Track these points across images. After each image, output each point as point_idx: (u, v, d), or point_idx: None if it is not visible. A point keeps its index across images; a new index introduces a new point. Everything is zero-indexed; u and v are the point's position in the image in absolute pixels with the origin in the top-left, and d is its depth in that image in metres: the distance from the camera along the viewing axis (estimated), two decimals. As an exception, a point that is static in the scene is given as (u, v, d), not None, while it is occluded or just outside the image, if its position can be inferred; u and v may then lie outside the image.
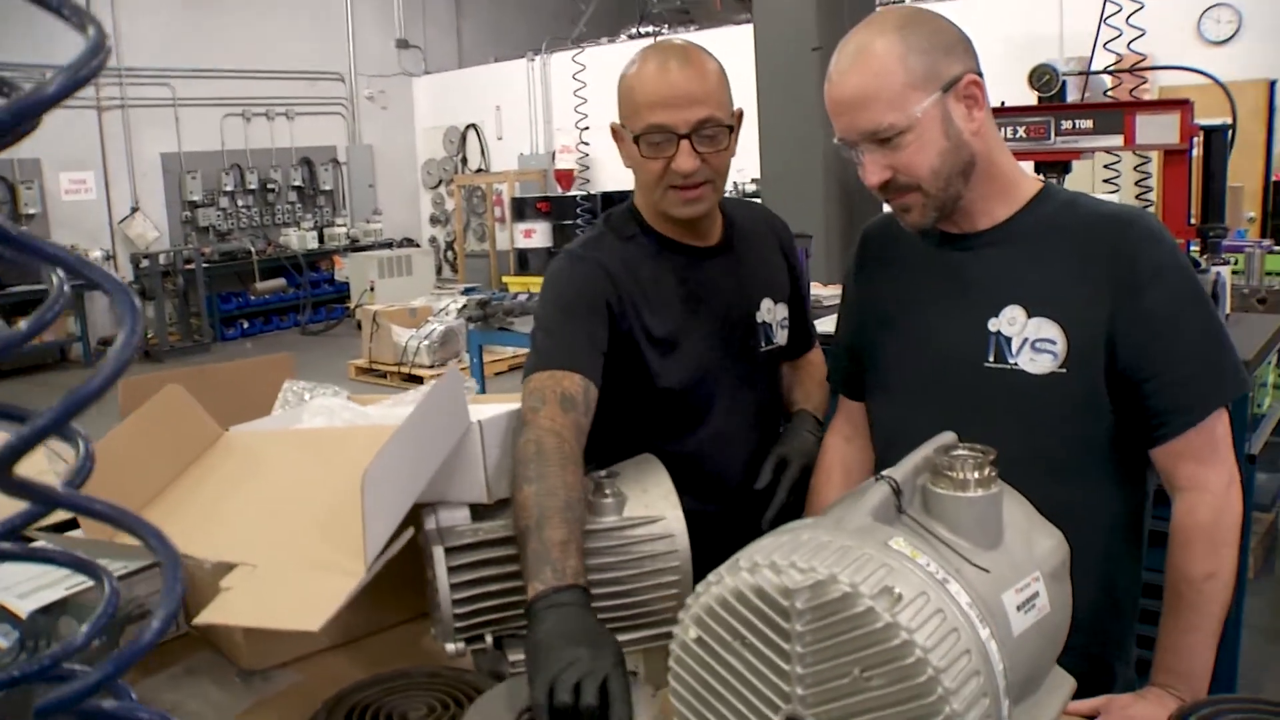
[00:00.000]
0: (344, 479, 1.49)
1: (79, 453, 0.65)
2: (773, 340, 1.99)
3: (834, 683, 0.91)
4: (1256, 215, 8.25)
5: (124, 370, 0.50)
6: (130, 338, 0.50)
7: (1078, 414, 1.52)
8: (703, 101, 1.73)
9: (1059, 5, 9.50)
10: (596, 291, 1.81)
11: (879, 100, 1.45)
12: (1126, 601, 1.63)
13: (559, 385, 1.67)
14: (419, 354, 9.09)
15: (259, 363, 2.21)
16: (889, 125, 1.46)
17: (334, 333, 12.71)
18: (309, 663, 1.68)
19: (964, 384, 1.57)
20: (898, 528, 1.03)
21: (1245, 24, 9.24)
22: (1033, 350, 1.51)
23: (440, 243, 15.66)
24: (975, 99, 1.48)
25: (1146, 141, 3.55)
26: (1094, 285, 1.48)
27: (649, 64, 1.77)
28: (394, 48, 15.36)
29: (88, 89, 0.54)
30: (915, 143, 1.46)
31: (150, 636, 0.54)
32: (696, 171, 1.75)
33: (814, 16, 4.54)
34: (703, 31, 11.89)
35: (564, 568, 1.38)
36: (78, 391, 0.50)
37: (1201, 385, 1.48)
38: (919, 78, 1.45)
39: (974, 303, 1.56)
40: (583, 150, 9.45)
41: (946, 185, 1.50)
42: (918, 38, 1.46)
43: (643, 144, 1.76)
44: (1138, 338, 1.47)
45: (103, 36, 0.48)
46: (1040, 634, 1.05)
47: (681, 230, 1.90)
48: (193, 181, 12.93)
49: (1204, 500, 1.47)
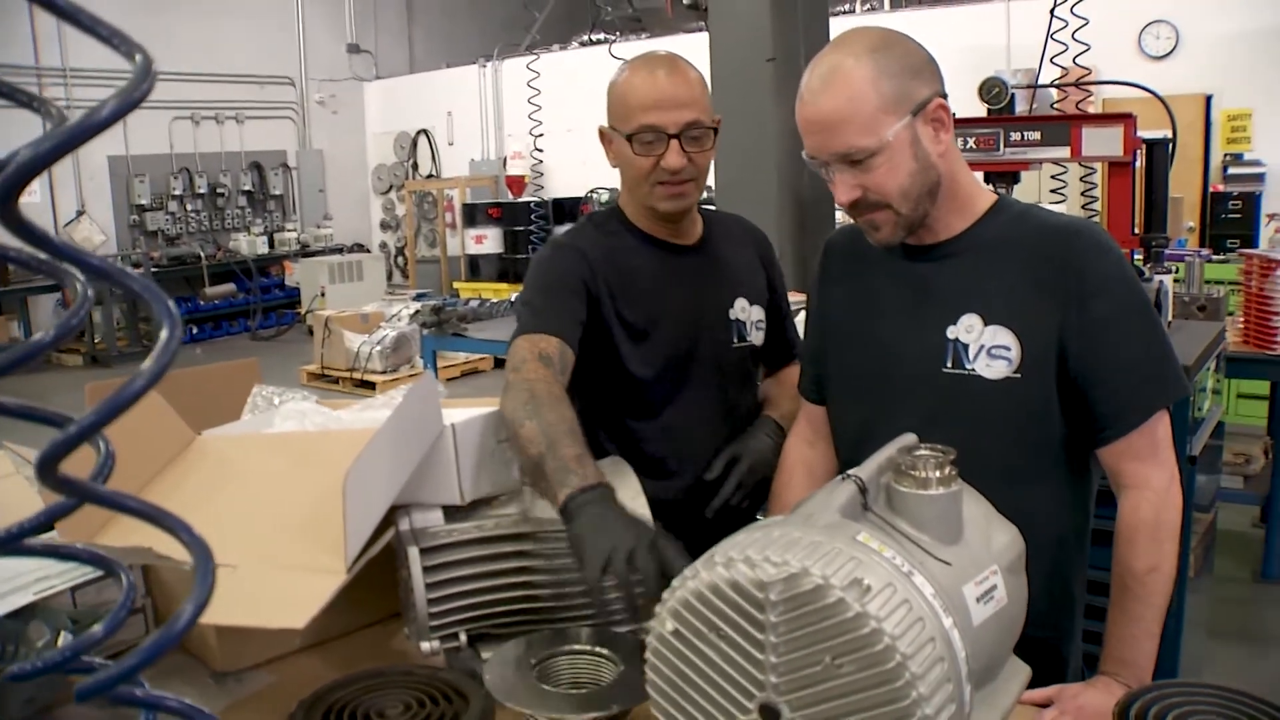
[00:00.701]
0: (319, 481, 1.52)
1: (100, 452, 0.69)
2: (745, 338, 2.08)
3: (806, 670, 0.96)
4: (1195, 225, 8.47)
5: (164, 373, 0.54)
6: (170, 342, 0.53)
7: (1031, 418, 1.59)
8: (690, 105, 1.88)
9: (1006, 19, 9.69)
10: (576, 274, 1.94)
11: (851, 123, 1.50)
12: (1076, 593, 1.70)
13: (537, 347, 1.81)
14: (371, 360, 9.06)
15: (225, 368, 2.22)
16: (861, 148, 1.51)
17: (284, 338, 12.62)
18: (282, 664, 1.70)
19: (923, 389, 1.63)
20: (864, 524, 1.08)
21: (1183, 40, 9.50)
22: (989, 356, 1.57)
23: (391, 248, 15.59)
24: (942, 121, 1.54)
25: (1092, 153, 3.65)
26: (1045, 294, 1.55)
27: (640, 71, 1.91)
28: (345, 52, 15.27)
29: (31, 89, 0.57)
30: (886, 164, 1.52)
31: (182, 625, 0.57)
32: (684, 169, 1.89)
33: (769, 27, 4.59)
34: (654, 39, 11.96)
35: (585, 473, 1.52)
36: (119, 393, 0.53)
37: (1145, 389, 1.56)
38: (890, 101, 1.50)
39: (934, 311, 1.62)
40: (536, 157, 9.46)
41: (915, 205, 1.56)
42: (889, 61, 1.51)
43: (635, 143, 1.89)
44: (1086, 344, 1.54)
45: (149, 61, 0.52)
46: (998, 624, 1.11)
47: (662, 228, 2.02)
48: (140, 185, 12.76)
49: (1146, 498, 1.55)
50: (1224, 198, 8.72)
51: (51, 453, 0.54)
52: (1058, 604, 1.66)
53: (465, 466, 1.59)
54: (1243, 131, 9.43)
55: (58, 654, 0.69)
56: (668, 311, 2.00)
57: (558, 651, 1.38)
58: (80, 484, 0.56)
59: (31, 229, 0.54)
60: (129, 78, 0.51)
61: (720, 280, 2.07)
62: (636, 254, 2.01)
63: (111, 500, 0.58)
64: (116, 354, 11.07)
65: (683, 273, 2.04)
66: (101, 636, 0.69)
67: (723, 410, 2.05)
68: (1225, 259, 6.84)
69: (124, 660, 0.56)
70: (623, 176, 1.99)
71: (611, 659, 1.35)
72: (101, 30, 0.52)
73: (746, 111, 4.66)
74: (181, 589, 1.44)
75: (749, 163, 4.71)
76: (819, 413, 1.88)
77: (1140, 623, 1.52)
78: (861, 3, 11.99)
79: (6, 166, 0.51)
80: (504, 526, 1.55)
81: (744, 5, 4.68)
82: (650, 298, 1.99)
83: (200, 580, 0.58)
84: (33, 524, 0.64)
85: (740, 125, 4.63)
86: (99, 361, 10.89)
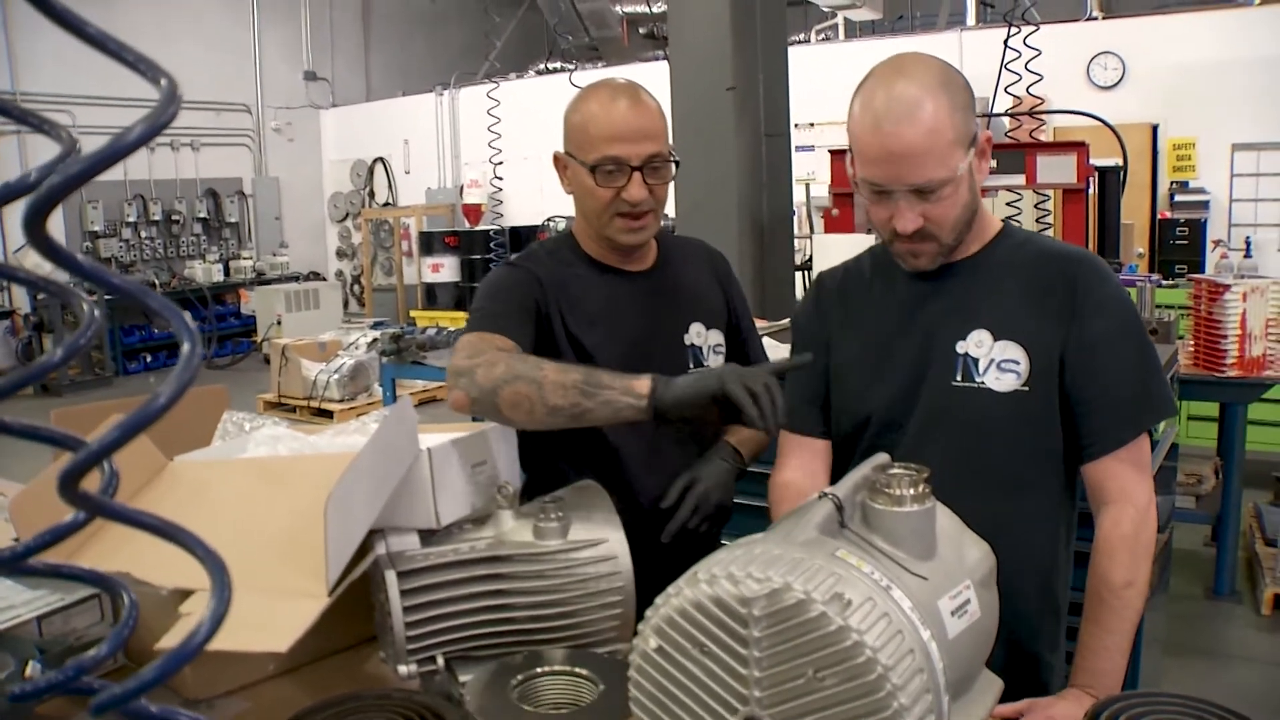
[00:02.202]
0: (295, 505, 1.52)
1: (105, 470, 0.70)
2: (703, 363, 2.06)
3: (789, 684, 0.98)
4: (1145, 251, 8.65)
5: (184, 392, 0.55)
6: (191, 358, 0.55)
7: (1036, 430, 1.64)
8: (653, 137, 1.88)
9: (959, 48, 9.88)
10: (526, 293, 1.94)
11: (931, 156, 1.53)
12: (1061, 603, 1.75)
13: (492, 341, 1.81)
14: (329, 388, 8.99)
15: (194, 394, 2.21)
16: (938, 180, 1.55)
17: (240, 367, 12.50)
18: (255, 690, 1.69)
19: (933, 403, 1.68)
20: (841, 540, 1.11)
21: (1129, 71, 9.74)
22: (998, 370, 1.63)
23: (347, 276, 15.53)
24: (986, 153, 1.60)
25: (1047, 181, 3.74)
26: (1049, 312, 1.62)
27: (603, 100, 1.89)
28: (301, 79, 15.25)
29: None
30: (952, 196, 1.57)
31: (199, 638, 0.58)
32: (644, 201, 1.89)
33: (729, 57, 4.66)
34: (611, 69, 12.05)
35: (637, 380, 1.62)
36: (140, 411, 0.54)
37: (1135, 407, 1.63)
38: (962, 135, 1.55)
39: (942, 327, 1.68)
40: (495, 185, 9.48)
41: (958, 235, 1.64)
42: (958, 95, 1.56)
43: (597, 174, 1.88)
44: (1083, 361, 1.61)
45: (174, 85, 0.53)
46: (972, 637, 1.14)
47: (614, 255, 2.02)
48: (94, 211, 12.63)
49: (1128, 514, 1.60)
50: (1171, 224, 8.93)
51: (74, 469, 0.55)
52: (1046, 613, 1.71)
53: (440, 490, 1.59)
54: (1188, 160, 9.68)
55: (59, 674, 0.69)
56: (617, 337, 1.98)
57: (537, 673, 1.39)
58: (100, 501, 0.57)
59: (58, 249, 0.55)
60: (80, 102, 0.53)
61: (674, 306, 2.06)
62: (587, 280, 2.01)
63: (128, 516, 0.59)
64: (68, 383, 10.90)
65: (634, 299, 2.03)
66: (106, 655, 0.70)
67: (671, 439, 2.01)
68: (1175, 284, 6.99)
69: (140, 674, 0.57)
70: (579, 205, 1.98)
71: (590, 679, 1.37)
72: (128, 56, 0.53)
73: (707, 139, 4.71)
74: (150, 615, 1.44)
75: (709, 189, 4.76)
76: (813, 444, 1.86)
77: (1113, 635, 1.56)
78: (816, 34, 12.16)
79: (36, 188, 0.53)
80: (480, 550, 1.56)
81: (703, 35, 4.75)
82: (600, 324, 1.98)
83: (217, 594, 0.59)
84: (39, 542, 0.65)
85: (701, 153, 4.69)
86: (50, 391, 10.71)
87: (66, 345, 0.58)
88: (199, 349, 0.56)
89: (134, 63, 0.53)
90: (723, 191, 4.74)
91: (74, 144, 0.57)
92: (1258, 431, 5.67)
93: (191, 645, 0.58)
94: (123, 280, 0.56)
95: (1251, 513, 5.17)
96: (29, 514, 1.56)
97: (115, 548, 1.50)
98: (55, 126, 0.64)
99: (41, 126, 0.64)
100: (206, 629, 0.58)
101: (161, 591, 1.43)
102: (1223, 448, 4.99)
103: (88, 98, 11.90)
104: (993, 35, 4.83)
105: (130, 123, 0.52)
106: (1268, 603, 4.57)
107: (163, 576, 1.41)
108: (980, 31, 10.36)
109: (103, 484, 0.69)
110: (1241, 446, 4.70)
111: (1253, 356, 4.53)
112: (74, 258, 0.55)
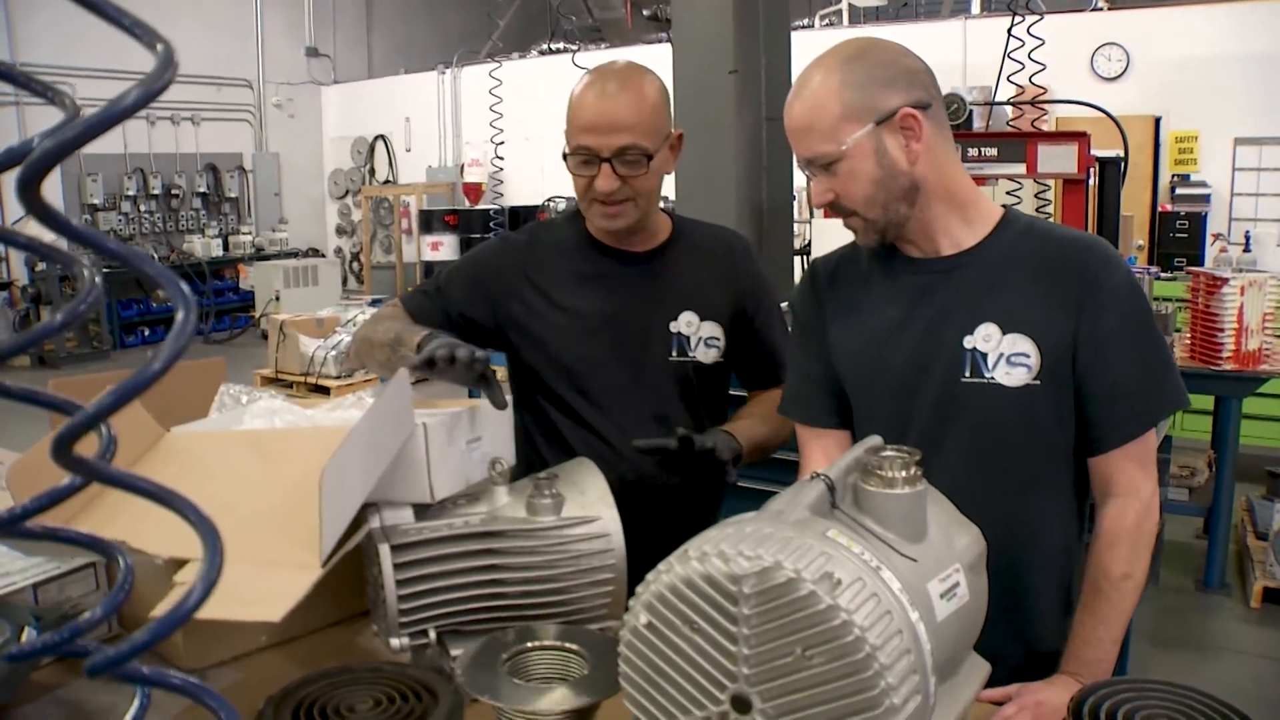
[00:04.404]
0: (290, 477, 1.53)
1: (103, 436, 0.70)
2: (687, 353, 2.06)
3: (778, 661, 0.99)
4: (1144, 243, 8.65)
5: (180, 356, 0.55)
6: (185, 325, 0.55)
7: (1048, 424, 1.61)
8: (629, 129, 1.87)
9: (963, 37, 9.86)
10: (498, 262, 2.10)
11: (813, 131, 1.57)
12: (1073, 598, 1.72)
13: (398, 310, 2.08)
14: (326, 364, 8.98)
15: (190, 366, 2.21)
16: (822, 154, 1.57)
17: (238, 342, 12.51)
18: (247, 661, 1.70)
19: (941, 400, 1.64)
20: (832, 521, 1.11)
21: (1133, 63, 9.72)
22: (1008, 364, 1.59)
23: (346, 254, 15.51)
24: (913, 130, 1.56)
25: (1047, 170, 3.74)
26: (1058, 303, 1.58)
27: (591, 88, 1.90)
28: (303, 56, 15.21)
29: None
30: (848, 171, 1.57)
31: (193, 603, 0.58)
32: (616, 192, 1.90)
33: (731, 40, 4.64)
34: (614, 50, 12.02)
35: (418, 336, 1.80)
36: (137, 376, 0.54)
37: (1146, 399, 1.60)
38: (853, 111, 1.54)
39: (948, 322, 1.63)
40: (496, 165, 9.46)
41: (884, 210, 1.60)
42: (856, 72, 1.55)
43: (571, 161, 1.92)
44: (1094, 353, 1.57)
45: (171, 51, 0.53)
46: (960, 620, 1.14)
47: (610, 235, 2.04)
48: (93, 185, 12.62)
49: (1133, 506, 1.59)
50: (1171, 217, 8.92)
51: (68, 433, 0.56)
52: (1059, 609, 1.70)
53: (435, 465, 1.60)
54: (1190, 153, 9.67)
55: (55, 636, 0.70)
56: (590, 313, 2.03)
57: (527, 647, 1.40)
58: (93, 464, 0.57)
59: (53, 214, 0.55)
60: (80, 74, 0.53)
61: (664, 292, 2.06)
62: (575, 256, 2.07)
63: (122, 480, 0.59)
64: (65, 355, 10.91)
65: (621, 279, 2.05)
66: (101, 617, 0.71)
67: (647, 421, 2.02)
68: (1173, 277, 7.00)
69: (133, 636, 0.58)
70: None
71: (580, 654, 1.37)
72: (125, 21, 0.53)
73: (708, 123, 4.71)
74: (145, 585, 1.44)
75: (709, 173, 4.76)
76: (836, 436, 1.83)
77: (1106, 626, 1.57)
78: (820, 18, 12.12)
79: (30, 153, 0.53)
80: (473, 525, 1.57)
81: (706, 18, 4.74)
82: (579, 295, 2.04)
83: (209, 560, 0.59)
84: (36, 505, 0.65)
85: (702, 136, 4.68)
86: (46, 363, 10.73)
87: (68, 310, 0.58)
88: (194, 315, 0.56)
89: (131, 27, 0.53)
90: (722, 175, 4.73)
91: (76, 110, 0.57)
92: (1252, 425, 5.70)
93: (184, 609, 0.58)
94: (118, 245, 0.56)
95: (1244, 506, 5.19)
96: (26, 482, 1.56)
97: (110, 517, 1.51)
98: (58, 92, 0.64)
99: (44, 93, 0.64)
100: (199, 593, 0.59)
101: (156, 560, 1.43)
102: (1216, 441, 5.01)
103: (88, 70, 11.84)
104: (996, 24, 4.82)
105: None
106: (1257, 596, 4.59)
107: (157, 546, 1.42)
108: (984, 20, 10.33)
109: (100, 449, 0.69)
110: (1235, 440, 4.71)
111: (1249, 350, 4.54)
112: (68, 221, 0.56)
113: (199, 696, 0.62)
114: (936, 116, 1.60)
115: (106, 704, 1.55)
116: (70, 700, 1.58)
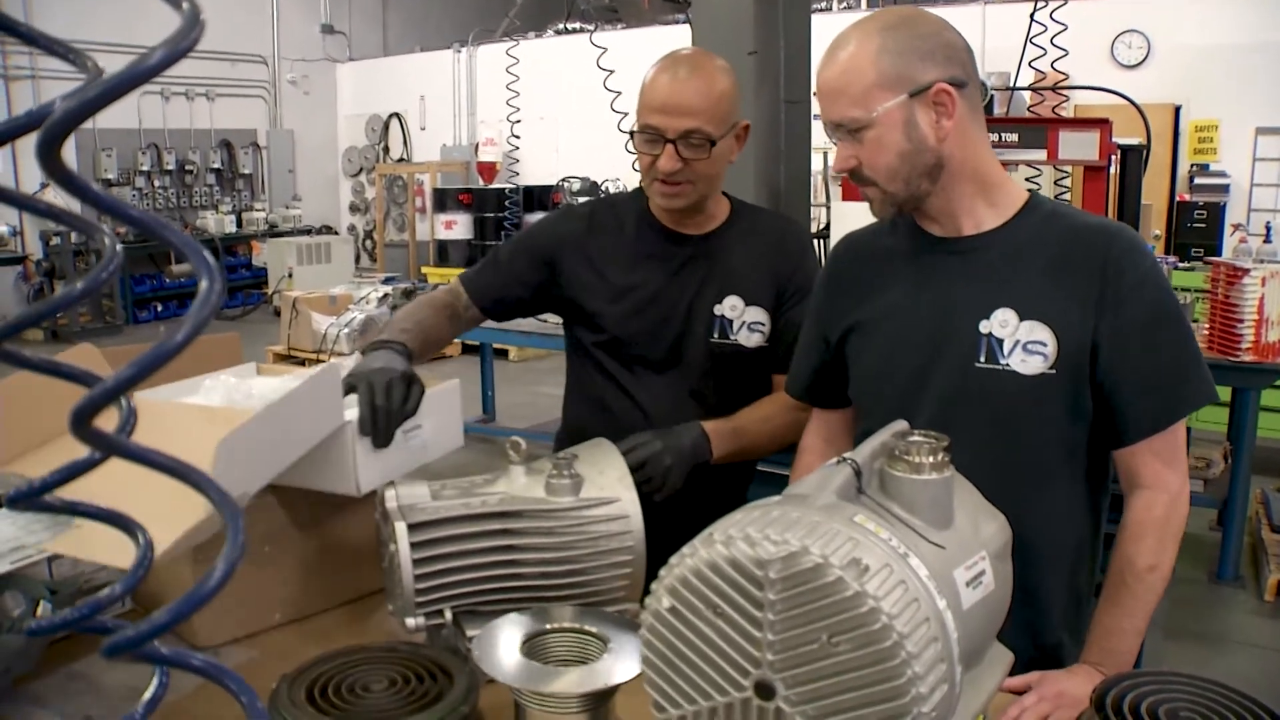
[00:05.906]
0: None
1: (123, 409, 0.69)
2: (729, 335, 2.09)
3: (803, 648, 0.97)
4: (1161, 233, 8.59)
5: (202, 328, 0.53)
6: (209, 296, 0.53)
7: (1064, 415, 1.58)
8: (695, 114, 1.93)
9: (982, 21, 9.77)
10: (558, 234, 2.17)
11: (845, 94, 1.54)
12: (1087, 592, 1.70)
13: (453, 292, 2.19)
14: (339, 342, 8.98)
15: (205, 342, 2.20)
16: (851, 119, 1.55)
17: (250, 319, 12.52)
18: (261, 639, 1.70)
19: (954, 385, 1.61)
20: (859, 506, 1.09)
21: (1154, 51, 9.63)
22: (1024, 352, 1.56)
23: (359, 231, 15.50)
24: (945, 106, 1.53)
25: (1068, 157, 3.69)
26: (1080, 293, 1.54)
27: (665, 71, 1.97)
28: (318, 32, 15.16)
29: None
30: (875, 140, 1.54)
31: (214, 583, 0.56)
32: (677, 172, 1.95)
33: (751, 21, 4.59)
34: (629, 31, 11.95)
35: (390, 333, 1.94)
36: (159, 347, 0.53)
37: (1175, 391, 1.56)
38: (888, 79, 1.51)
39: (965, 305, 1.61)
40: (511, 144, 9.42)
41: (906, 184, 1.57)
42: (897, 40, 1.52)
43: (638, 139, 1.98)
44: (1120, 346, 1.53)
45: (197, 10, 0.52)
46: (985, 609, 1.12)
47: (668, 215, 2.10)
48: (108, 159, 12.62)
49: (1161, 499, 1.57)
50: (1190, 207, 8.87)
51: (87, 405, 0.54)
52: (1072, 603, 1.67)
53: (363, 460, 1.65)
54: (1209, 143, 9.59)
55: (75, 611, 0.68)
56: (638, 287, 2.09)
57: (544, 629, 1.38)
58: (111, 438, 0.56)
59: (74, 179, 0.53)
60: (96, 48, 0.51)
61: (712, 274, 2.10)
62: (634, 232, 2.13)
63: (140, 455, 0.57)
64: (79, 329, 10.94)
65: (672, 259, 2.10)
66: (120, 593, 0.69)
67: (682, 398, 2.09)
68: (1191, 267, 6.95)
69: (153, 617, 0.56)
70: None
71: (598, 637, 1.36)
72: (153, -21, 0.51)
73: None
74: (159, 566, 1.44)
75: (727, 155, 4.71)
76: (831, 415, 1.88)
77: (1130, 617, 1.55)
78: (839, 1, 12.02)
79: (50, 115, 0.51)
80: (491, 505, 1.55)
81: (726, -1, 4.69)
82: (628, 270, 2.10)
83: (231, 537, 0.57)
84: (55, 479, 0.64)
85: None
86: (59, 337, 10.74)
87: (89, 278, 0.56)
88: (218, 285, 0.54)
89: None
90: (740, 157, 4.68)
91: (99, 70, 0.55)
92: (1269, 418, 5.65)
93: (205, 589, 0.57)
94: (140, 212, 0.54)
95: (1259, 499, 5.16)
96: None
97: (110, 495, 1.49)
98: (79, 53, 0.62)
99: (66, 54, 0.62)
100: (220, 573, 0.57)
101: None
102: (1233, 433, 4.97)
103: (104, 44, 11.80)
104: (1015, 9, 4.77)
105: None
106: (1271, 589, 4.57)
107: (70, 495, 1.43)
108: (1005, 5, 10.24)
109: (120, 422, 0.68)
110: (1253, 432, 4.68)
111: (1268, 342, 4.50)
112: (89, 185, 0.54)
113: (219, 678, 0.60)
114: (971, 96, 1.57)
115: (125, 679, 1.55)
116: (83, 674, 1.57)
